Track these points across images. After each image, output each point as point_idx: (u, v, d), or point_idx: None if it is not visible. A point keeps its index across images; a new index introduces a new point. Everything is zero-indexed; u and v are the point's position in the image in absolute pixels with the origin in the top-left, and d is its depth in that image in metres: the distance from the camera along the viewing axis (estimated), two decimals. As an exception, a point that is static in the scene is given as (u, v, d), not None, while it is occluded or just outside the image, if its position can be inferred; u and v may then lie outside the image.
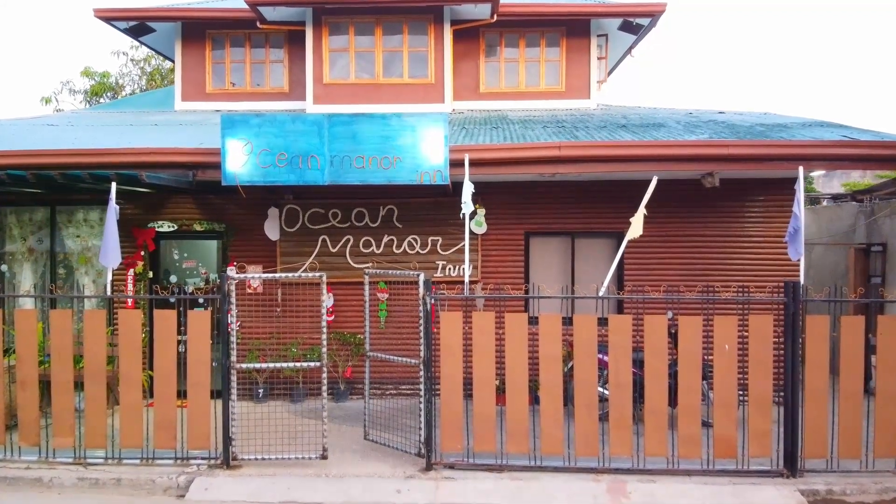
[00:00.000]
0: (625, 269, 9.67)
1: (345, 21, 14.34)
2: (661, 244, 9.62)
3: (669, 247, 9.62)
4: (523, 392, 6.87)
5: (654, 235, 9.50)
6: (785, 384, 6.73)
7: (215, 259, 10.09)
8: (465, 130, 10.01)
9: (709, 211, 9.60)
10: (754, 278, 9.50)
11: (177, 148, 8.24)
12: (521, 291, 9.71)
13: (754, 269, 9.54)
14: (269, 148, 7.90)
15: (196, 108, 15.20)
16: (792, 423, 6.70)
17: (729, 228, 9.59)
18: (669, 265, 9.62)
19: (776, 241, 9.50)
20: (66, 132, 10.57)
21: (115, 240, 7.16)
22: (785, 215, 9.49)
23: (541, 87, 15.18)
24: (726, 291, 8.48)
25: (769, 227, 9.56)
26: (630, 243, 9.52)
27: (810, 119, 10.90)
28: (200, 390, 6.96)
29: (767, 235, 9.56)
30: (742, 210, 9.58)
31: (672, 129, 9.78)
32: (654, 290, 9.45)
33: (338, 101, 14.46)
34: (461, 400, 6.89)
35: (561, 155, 8.17)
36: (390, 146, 7.91)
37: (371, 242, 9.67)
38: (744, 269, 9.56)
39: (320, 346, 7.25)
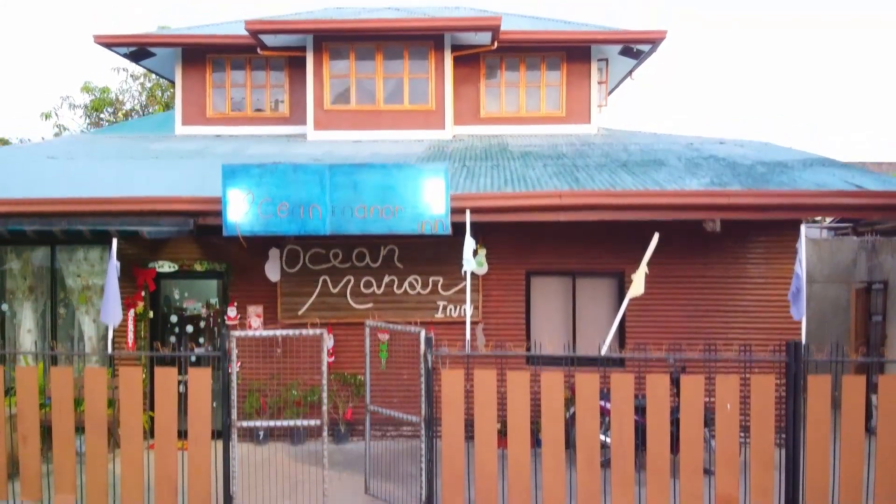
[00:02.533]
0: (627, 309, 9.65)
1: (345, 47, 14.33)
2: (662, 285, 9.60)
3: (671, 287, 9.61)
4: (525, 449, 6.86)
5: (655, 276, 9.47)
6: (786, 442, 6.73)
7: (216, 298, 10.08)
8: (465, 169, 9.99)
9: (710, 251, 9.59)
10: (757, 319, 9.51)
11: (177, 196, 8.23)
12: (521, 331, 9.73)
13: (757, 310, 9.54)
14: (271, 197, 7.90)
15: (196, 133, 15.21)
16: (793, 481, 6.70)
17: (730, 269, 9.58)
18: (671, 306, 9.61)
19: (778, 282, 9.50)
20: (66, 167, 10.55)
21: (117, 298, 7.15)
22: (787, 256, 9.50)
23: (541, 112, 15.19)
24: (728, 349, 8.49)
25: (771, 267, 9.56)
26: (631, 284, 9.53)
27: (811, 155, 10.88)
28: (201, 447, 6.95)
29: (769, 276, 9.55)
30: (744, 251, 9.57)
31: (673, 169, 9.77)
32: (656, 333, 9.47)
33: (338, 127, 14.48)
34: (463, 457, 6.87)
35: (562, 203, 8.16)
36: (391, 196, 7.91)
37: (372, 283, 9.66)
38: (746, 309, 9.56)
39: (320, 388, 7.25)
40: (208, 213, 8.25)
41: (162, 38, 14.67)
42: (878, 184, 8.53)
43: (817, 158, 10.49)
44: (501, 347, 8.86)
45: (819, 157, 10.62)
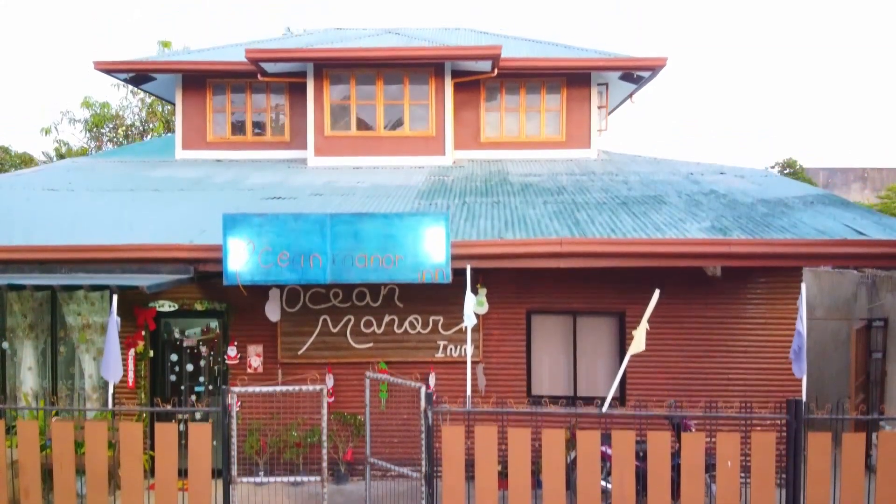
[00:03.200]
0: (627, 347, 9.64)
1: (346, 73, 14.34)
2: (662, 325, 9.59)
3: (671, 327, 9.61)
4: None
5: (655, 316, 9.39)
6: (787, 498, 6.74)
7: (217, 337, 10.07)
8: (466, 207, 9.98)
9: (711, 291, 9.59)
10: (758, 360, 9.51)
11: (177, 244, 8.22)
12: (522, 370, 9.74)
13: (758, 351, 9.53)
14: (271, 247, 7.89)
15: (196, 158, 15.22)
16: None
17: (731, 309, 9.58)
18: (671, 346, 9.61)
19: (780, 322, 9.50)
20: (65, 203, 10.54)
21: (118, 354, 7.15)
22: (788, 296, 9.50)
23: (541, 137, 15.22)
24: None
25: (772, 307, 9.55)
26: (634, 323, 9.53)
27: (810, 191, 10.89)
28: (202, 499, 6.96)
29: (770, 317, 9.55)
30: (744, 291, 9.56)
31: (673, 208, 9.77)
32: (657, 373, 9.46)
33: (339, 153, 14.50)
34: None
35: (562, 251, 8.16)
36: (392, 244, 7.91)
37: (372, 322, 9.66)
38: (747, 350, 9.55)
39: (321, 429, 7.22)
40: (208, 261, 8.25)
41: (162, 64, 14.67)
42: (880, 229, 8.52)
43: (818, 195, 10.49)
44: (503, 404, 8.85)
45: (819, 194, 10.62)
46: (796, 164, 34.72)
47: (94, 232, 8.80)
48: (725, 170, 13.19)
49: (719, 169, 13.19)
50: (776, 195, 10.48)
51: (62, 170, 13.96)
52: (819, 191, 10.95)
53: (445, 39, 16.84)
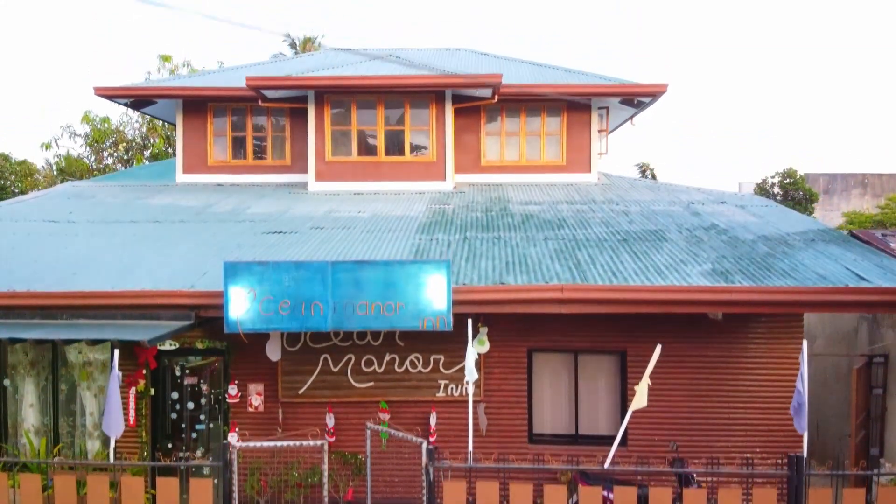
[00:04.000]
0: (628, 388, 9.65)
1: (346, 99, 14.35)
2: (664, 363, 9.54)
3: (673, 366, 9.60)
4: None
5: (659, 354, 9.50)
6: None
7: (218, 376, 10.08)
8: (466, 244, 9.97)
9: (712, 331, 9.58)
10: (758, 399, 9.51)
11: (178, 291, 8.23)
12: (524, 409, 9.75)
13: (758, 390, 9.54)
14: (272, 295, 7.90)
15: (197, 182, 15.24)
16: None
17: (732, 349, 9.58)
18: (673, 385, 9.60)
19: (781, 362, 9.50)
20: (66, 239, 10.54)
21: (119, 410, 7.16)
22: (789, 336, 9.51)
23: (542, 161, 15.24)
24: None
25: (774, 347, 9.55)
26: (635, 362, 9.58)
27: (811, 225, 10.89)
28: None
29: (771, 356, 9.55)
30: (746, 331, 9.56)
31: (674, 246, 9.79)
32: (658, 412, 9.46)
33: (340, 179, 14.51)
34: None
35: (563, 297, 8.16)
36: (393, 292, 7.91)
37: (373, 361, 9.66)
38: (748, 389, 9.56)
39: (321, 470, 7.21)
40: (210, 307, 8.25)
41: (163, 90, 14.69)
42: (881, 273, 8.52)
43: (818, 232, 10.49)
44: (504, 455, 8.85)
45: (820, 230, 10.62)
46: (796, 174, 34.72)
47: (95, 276, 8.80)
48: (726, 197, 13.19)
49: (720, 197, 13.20)
50: (777, 231, 10.47)
51: (62, 196, 13.95)
52: (820, 225, 10.95)
53: (446, 63, 16.83)
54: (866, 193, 59.63)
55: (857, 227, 34.05)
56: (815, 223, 11.10)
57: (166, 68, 24.99)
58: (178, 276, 8.79)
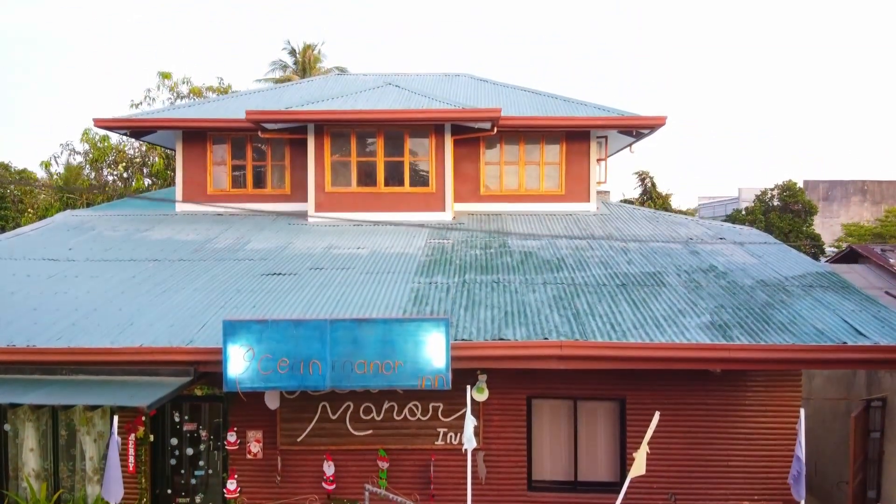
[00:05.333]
0: (627, 434, 9.67)
1: (346, 130, 14.36)
2: (663, 411, 9.53)
3: (673, 413, 9.59)
4: None
5: (657, 402, 9.52)
6: None
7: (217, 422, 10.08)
8: (465, 289, 9.98)
9: (712, 379, 9.57)
10: (757, 447, 9.53)
11: (178, 347, 8.23)
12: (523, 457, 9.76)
13: (758, 438, 9.54)
14: (271, 353, 7.91)
15: (197, 211, 15.25)
16: None
17: (732, 397, 9.59)
18: (673, 432, 9.60)
19: (780, 410, 9.51)
20: (66, 284, 10.54)
21: (118, 475, 7.17)
22: (788, 385, 9.53)
23: (541, 190, 15.28)
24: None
25: (773, 395, 9.55)
26: (635, 409, 9.60)
27: (810, 267, 10.90)
28: None
29: (771, 404, 9.55)
30: (745, 379, 9.56)
31: (672, 292, 9.82)
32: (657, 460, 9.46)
33: (339, 209, 14.52)
34: None
35: (563, 354, 8.18)
36: (391, 351, 7.92)
37: (371, 409, 9.67)
38: (748, 437, 9.56)
39: None
40: (209, 363, 8.26)
41: (162, 121, 14.70)
42: (879, 326, 8.54)
43: (817, 276, 10.49)
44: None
45: (819, 273, 10.63)
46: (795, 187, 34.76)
47: (95, 329, 8.80)
48: (724, 232, 13.20)
49: (719, 231, 13.20)
50: (776, 275, 10.48)
51: (62, 228, 13.96)
52: (818, 267, 10.96)
53: (445, 90, 16.86)
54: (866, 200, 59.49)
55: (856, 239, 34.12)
56: (814, 265, 11.11)
57: (166, 85, 25.04)
58: (178, 329, 8.80)
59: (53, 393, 7.79)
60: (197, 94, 25.51)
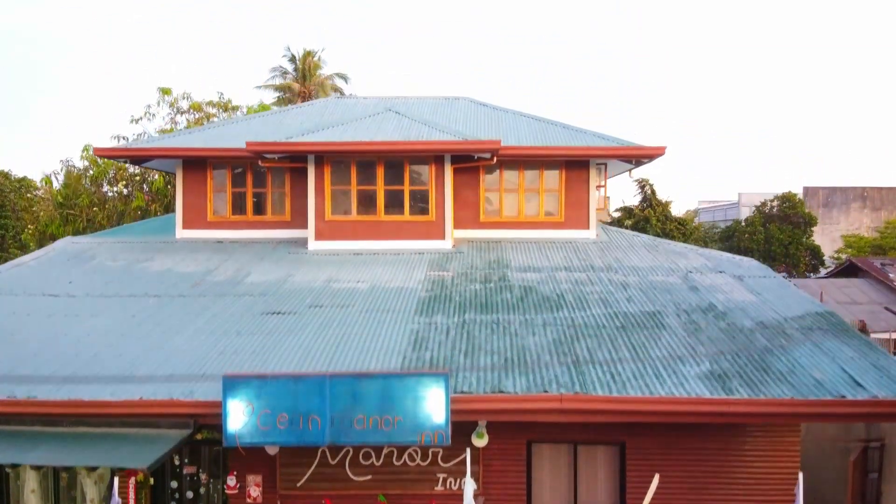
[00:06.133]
0: (627, 477, 9.69)
1: (346, 160, 14.37)
2: (663, 453, 9.61)
3: (671, 456, 9.61)
4: None
5: (656, 447, 9.55)
6: None
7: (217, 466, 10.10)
8: (465, 331, 9.99)
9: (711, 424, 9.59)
10: (757, 492, 9.53)
11: (178, 400, 8.24)
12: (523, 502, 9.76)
13: (757, 483, 9.54)
14: (270, 409, 7.92)
15: (197, 238, 15.29)
16: None
17: (731, 441, 9.59)
18: (672, 475, 9.59)
19: (779, 456, 9.52)
20: (64, 326, 10.54)
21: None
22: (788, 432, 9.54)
23: (540, 217, 15.31)
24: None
25: (773, 440, 9.56)
26: (634, 454, 9.62)
27: (811, 307, 10.89)
28: None
29: (770, 449, 9.56)
30: (744, 424, 9.56)
31: (672, 335, 9.85)
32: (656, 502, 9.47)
33: (339, 238, 14.55)
34: None
35: (563, 408, 8.19)
36: (391, 406, 7.93)
37: (371, 454, 9.67)
38: (747, 482, 9.56)
39: None
40: (208, 415, 8.28)
41: (162, 150, 14.72)
42: (879, 376, 8.55)
43: (816, 316, 10.49)
44: None
45: (818, 314, 10.63)
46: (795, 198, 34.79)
47: (96, 379, 8.81)
48: (724, 265, 13.20)
49: (718, 264, 13.21)
50: (775, 316, 10.49)
51: (62, 258, 13.97)
52: (816, 307, 10.96)
53: (445, 114, 16.87)
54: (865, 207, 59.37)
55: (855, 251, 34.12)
56: (812, 304, 11.11)
57: (166, 101, 25.03)
58: (178, 378, 8.80)
59: (54, 450, 7.82)
60: (197, 109, 25.53)
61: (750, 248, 30.85)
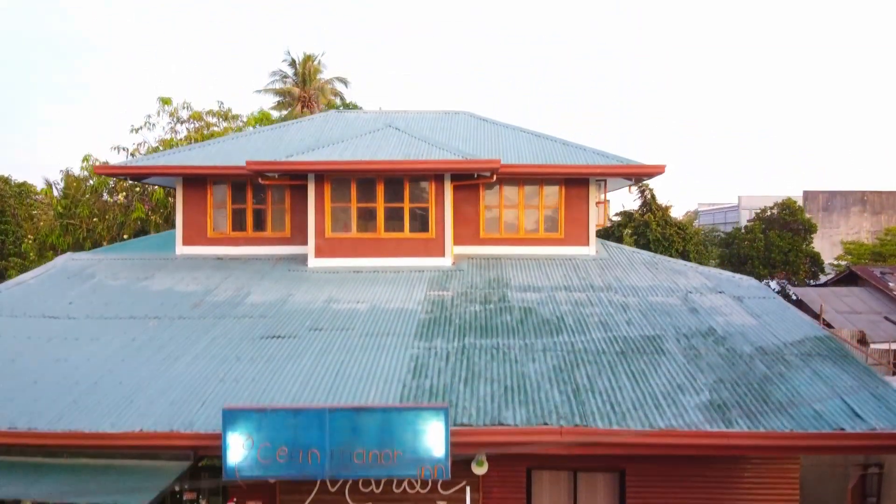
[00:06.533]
0: (626, 504, 9.71)
1: (346, 178, 14.38)
2: (663, 481, 9.63)
3: (672, 484, 9.63)
4: None
5: (656, 474, 9.56)
6: None
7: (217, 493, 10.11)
8: (465, 357, 10.00)
9: (709, 451, 9.62)
10: (754, 520, 9.56)
11: (178, 433, 8.25)
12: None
13: (755, 511, 9.58)
14: (270, 442, 7.93)
15: (197, 254, 15.28)
16: None
17: (732, 469, 9.60)
18: (672, 502, 9.64)
19: (779, 482, 9.54)
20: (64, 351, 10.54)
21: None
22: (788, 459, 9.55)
23: (540, 234, 15.33)
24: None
25: (771, 468, 9.57)
26: (634, 481, 9.64)
27: (811, 332, 10.89)
28: None
29: (770, 476, 9.57)
30: (742, 451, 9.60)
31: (671, 361, 9.86)
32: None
33: (339, 255, 14.56)
34: None
35: (563, 440, 8.20)
36: (390, 440, 7.93)
37: (371, 482, 9.68)
38: (744, 509, 9.60)
39: None
40: (208, 447, 8.29)
41: (162, 168, 14.73)
42: (878, 407, 8.57)
43: (816, 341, 10.50)
44: None
45: (817, 338, 10.64)
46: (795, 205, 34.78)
47: (96, 407, 8.81)
48: (723, 285, 13.20)
49: (717, 284, 13.20)
50: (774, 341, 10.50)
51: (62, 276, 13.98)
52: (816, 331, 10.96)
53: (445, 129, 16.88)
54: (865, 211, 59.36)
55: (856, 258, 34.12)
56: (812, 327, 11.12)
57: (166, 111, 25.03)
58: (178, 406, 8.81)
59: (55, 483, 7.82)
60: (197, 118, 25.53)
61: (750, 255, 30.85)
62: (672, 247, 38.35)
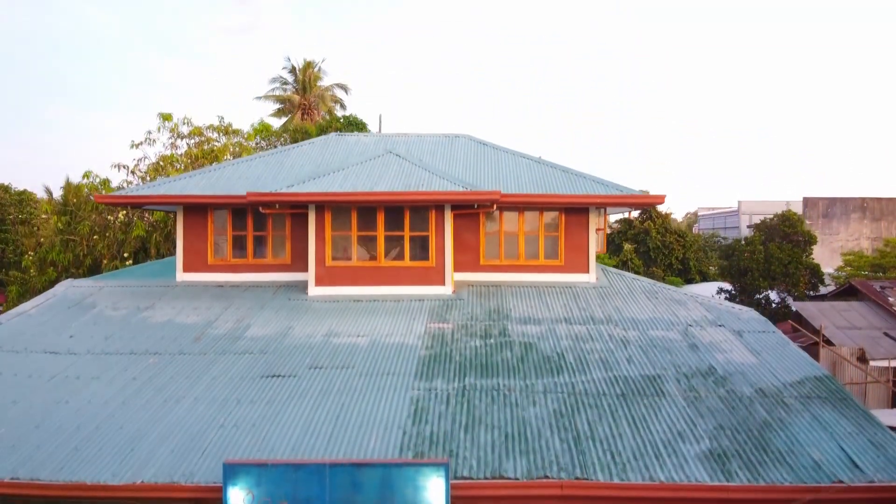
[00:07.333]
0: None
1: (347, 207, 14.39)
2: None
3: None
4: None
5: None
6: None
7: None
8: (465, 397, 10.03)
9: (708, 495, 9.65)
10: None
11: (179, 485, 8.27)
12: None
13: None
14: (270, 496, 7.95)
15: (198, 281, 15.31)
16: None
17: None
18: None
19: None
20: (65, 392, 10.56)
21: None
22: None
23: (540, 261, 15.34)
24: None
25: None
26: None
27: (811, 371, 10.91)
28: None
29: None
30: (741, 496, 9.63)
31: (671, 404, 9.88)
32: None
33: (340, 284, 14.58)
34: None
35: (563, 494, 8.23)
36: (391, 495, 7.95)
37: (372, 524, 9.71)
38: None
39: None
40: (209, 501, 8.32)
41: (162, 198, 14.74)
42: (877, 455, 8.61)
43: (815, 382, 10.52)
44: None
45: (817, 378, 10.66)
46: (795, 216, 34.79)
47: (98, 455, 8.83)
48: (723, 317, 13.22)
49: (717, 316, 13.22)
50: (774, 382, 10.53)
51: (62, 306, 14.01)
52: (816, 370, 10.97)
53: (445, 154, 16.90)
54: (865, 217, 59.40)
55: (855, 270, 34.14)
56: (811, 366, 11.14)
57: (166, 127, 25.04)
58: (178, 454, 8.83)
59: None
60: (197, 133, 25.54)
61: (750, 267, 30.86)
62: (672, 254, 38.47)
